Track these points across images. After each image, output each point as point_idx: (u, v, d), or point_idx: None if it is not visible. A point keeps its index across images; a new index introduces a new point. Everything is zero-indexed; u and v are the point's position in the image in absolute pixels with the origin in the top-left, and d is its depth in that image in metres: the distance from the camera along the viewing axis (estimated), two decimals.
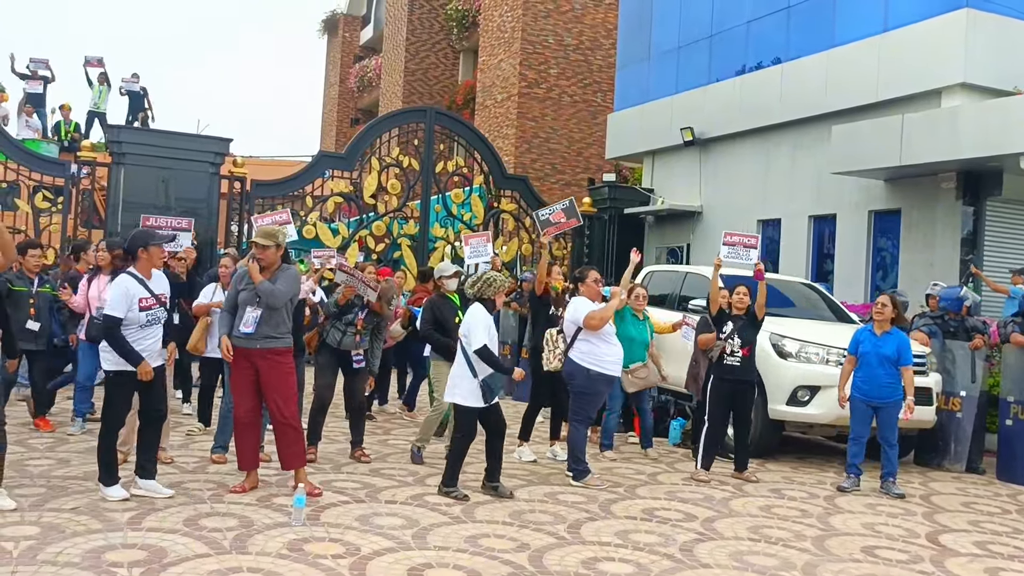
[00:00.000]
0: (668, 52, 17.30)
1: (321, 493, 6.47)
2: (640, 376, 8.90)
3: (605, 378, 7.52)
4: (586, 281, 7.82)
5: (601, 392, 7.57)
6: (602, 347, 7.53)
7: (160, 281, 6.35)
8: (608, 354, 7.53)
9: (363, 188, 15.40)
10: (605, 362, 7.51)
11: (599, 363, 7.51)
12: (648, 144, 17.49)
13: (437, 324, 8.03)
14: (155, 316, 6.19)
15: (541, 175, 21.69)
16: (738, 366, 8.09)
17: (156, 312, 6.19)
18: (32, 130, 17.46)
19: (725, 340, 8.10)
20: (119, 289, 6.05)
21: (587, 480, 7.45)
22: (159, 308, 6.22)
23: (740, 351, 8.07)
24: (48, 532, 5.24)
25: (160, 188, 13.72)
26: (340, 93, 36.01)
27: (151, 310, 6.15)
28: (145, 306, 6.11)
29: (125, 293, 6.03)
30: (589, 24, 22.64)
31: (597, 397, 7.61)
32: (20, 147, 13.85)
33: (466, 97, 26.15)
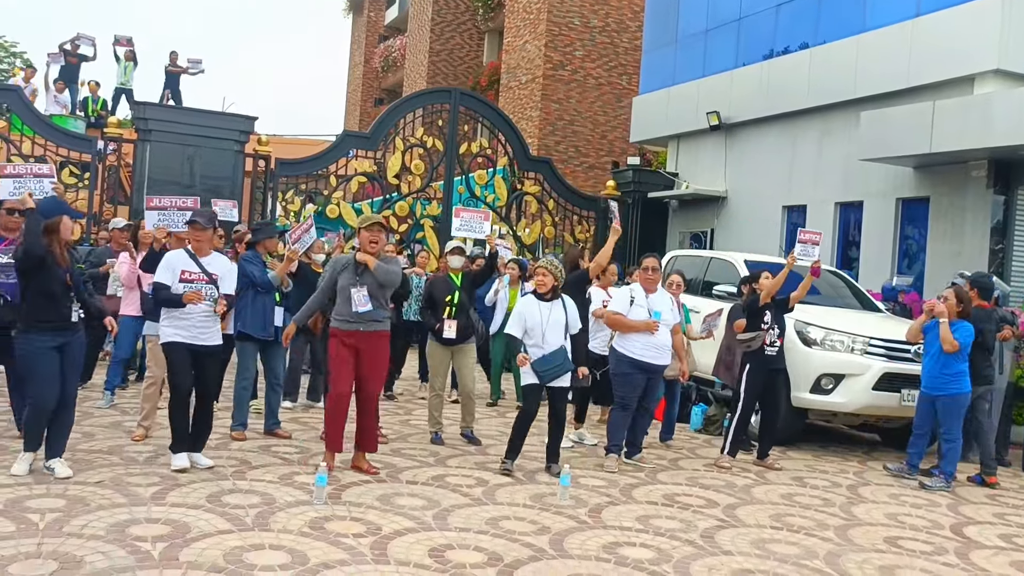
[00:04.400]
0: (695, 35, 17.14)
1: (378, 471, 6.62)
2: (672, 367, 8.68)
3: (630, 361, 7.48)
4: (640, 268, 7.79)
5: (628, 374, 7.51)
6: (633, 334, 7.49)
7: (216, 261, 6.44)
8: (639, 339, 7.48)
9: (387, 168, 15.39)
10: (635, 347, 7.48)
11: (628, 347, 7.49)
12: (673, 128, 17.36)
13: (430, 302, 8.08)
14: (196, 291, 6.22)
15: (565, 157, 21.59)
16: (775, 355, 8.05)
17: (198, 287, 6.22)
18: (60, 106, 17.56)
19: (767, 330, 8.03)
20: (164, 260, 6.33)
21: (608, 458, 7.50)
22: (203, 284, 6.26)
23: (778, 340, 8.03)
24: (74, 505, 5.28)
25: (185, 165, 13.79)
26: (364, 73, 35.97)
27: (192, 283, 6.21)
28: (186, 279, 6.20)
29: (167, 263, 6.28)
30: (615, 6, 22.45)
31: (625, 379, 7.54)
32: (48, 122, 13.93)
33: (491, 78, 26.03)
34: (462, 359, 8.18)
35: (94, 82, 18.67)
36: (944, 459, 7.81)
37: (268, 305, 7.62)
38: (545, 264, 7.25)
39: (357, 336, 6.53)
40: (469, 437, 8.06)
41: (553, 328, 7.01)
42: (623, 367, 7.52)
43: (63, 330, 5.91)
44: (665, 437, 8.88)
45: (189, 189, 13.25)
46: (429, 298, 8.16)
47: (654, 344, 7.50)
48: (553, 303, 7.09)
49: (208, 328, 6.34)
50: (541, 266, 7.25)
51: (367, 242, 6.58)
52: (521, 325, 7.01)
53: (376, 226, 6.64)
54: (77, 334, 6.04)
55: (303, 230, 7.79)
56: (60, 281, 5.88)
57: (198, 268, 6.29)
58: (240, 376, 7.65)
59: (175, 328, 6.27)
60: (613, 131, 22.26)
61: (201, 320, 6.28)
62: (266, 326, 7.60)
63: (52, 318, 5.87)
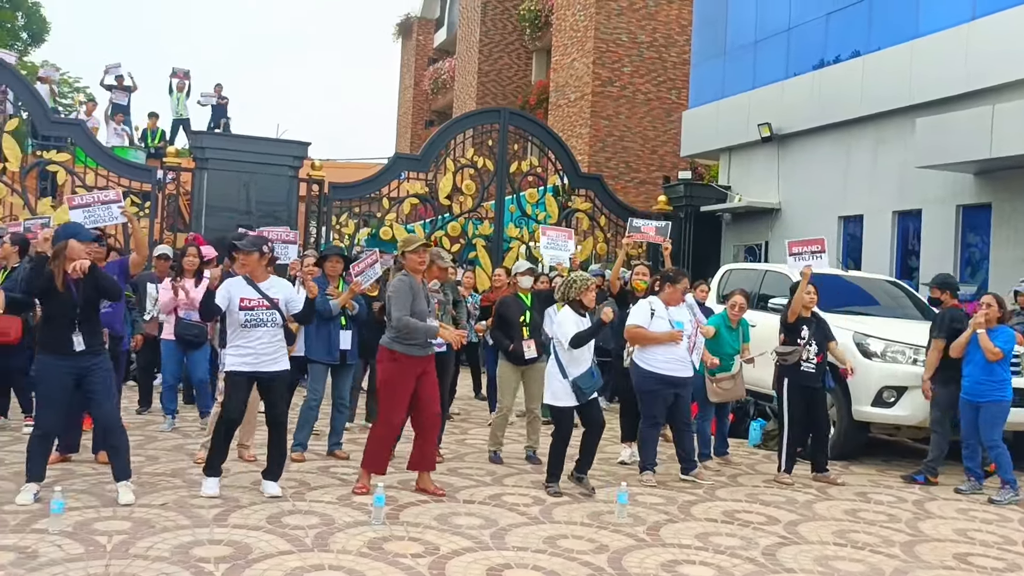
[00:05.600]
0: (744, 47, 17.03)
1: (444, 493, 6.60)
2: (724, 387, 8.47)
3: (656, 377, 7.41)
4: (676, 286, 7.67)
5: (655, 391, 7.44)
6: (652, 348, 7.43)
7: (277, 285, 6.39)
8: (660, 353, 7.41)
9: (438, 189, 15.51)
10: (657, 361, 7.41)
11: (650, 362, 7.43)
12: (724, 141, 17.25)
13: (502, 322, 8.07)
14: (257, 318, 6.19)
15: (616, 174, 21.55)
16: (813, 372, 7.88)
17: (259, 313, 6.20)
18: (120, 137, 18.05)
19: (804, 346, 7.90)
20: (222, 286, 6.27)
21: (643, 475, 7.45)
22: (263, 310, 6.22)
23: (815, 358, 7.88)
24: (139, 527, 5.39)
25: (241, 192, 14.04)
26: (415, 96, 36.35)
27: (252, 311, 6.18)
28: (246, 306, 6.17)
29: (224, 288, 6.24)
30: (663, 21, 22.41)
31: (652, 396, 7.47)
32: (109, 154, 14.31)
33: (539, 97, 26.13)
34: (532, 379, 8.15)
35: (153, 114, 19.19)
36: (999, 468, 7.63)
37: (334, 330, 7.68)
38: (593, 279, 7.26)
39: (425, 362, 6.58)
40: (532, 458, 8.04)
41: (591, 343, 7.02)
42: (648, 383, 7.46)
43: (73, 355, 5.87)
44: (721, 451, 8.77)
45: (246, 215, 13.51)
46: (501, 318, 8.13)
47: (677, 357, 7.43)
48: (588, 317, 7.09)
49: (272, 354, 6.29)
50: (594, 282, 7.24)
51: (415, 264, 6.62)
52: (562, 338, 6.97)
53: (422, 248, 6.65)
54: (97, 359, 5.98)
55: (367, 264, 7.78)
56: (67, 307, 5.86)
57: (258, 294, 6.25)
58: (308, 398, 7.74)
59: (239, 356, 6.24)
60: (663, 146, 22.17)
61: (265, 345, 6.23)
62: (331, 351, 7.66)
63: (57, 344, 5.87)
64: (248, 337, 6.21)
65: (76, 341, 5.86)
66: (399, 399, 6.54)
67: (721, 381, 8.43)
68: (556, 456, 6.96)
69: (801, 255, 8.22)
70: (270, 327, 6.25)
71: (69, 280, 5.85)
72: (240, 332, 6.22)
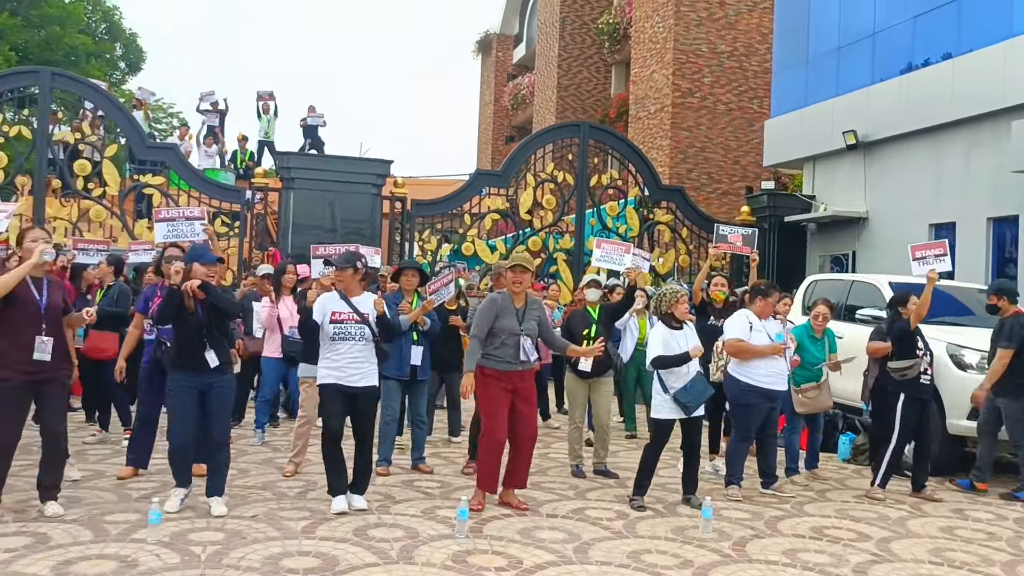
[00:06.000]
0: (827, 54, 16.71)
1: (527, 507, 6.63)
2: (810, 397, 8.31)
3: (757, 391, 7.30)
4: (767, 299, 7.57)
5: (754, 405, 7.33)
6: (754, 360, 7.32)
7: (368, 300, 6.45)
8: (761, 366, 7.30)
9: (519, 204, 15.60)
10: (758, 374, 7.30)
11: (751, 375, 7.32)
12: (808, 149, 16.93)
13: (568, 335, 8.08)
14: (345, 331, 6.29)
15: (697, 185, 21.35)
16: (929, 384, 7.67)
17: (348, 327, 6.28)
18: (211, 160, 18.66)
19: (922, 357, 7.68)
20: (318, 301, 6.40)
21: (728, 489, 7.34)
22: (353, 324, 6.28)
23: (929, 368, 7.67)
24: (232, 538, 5.54)
25: (327, 210, 14.36)
26: (495, 112, 36.65)
27: (341, 323, 6.27)
28: (336, 319, 6.27)
29: (319, 304, 6.36)
30: (743, 30, 22.16)
31: (750, 410, 7.36)
32: (201, 176, 14.80)
33: (619, 110, 26.08)
34: (598, 392, 8.14)
35: (242, 136, 19.79)
36: None
37: (405, 346, 7.76)
38: (685, 291, 7.22)
39: (515, 378, 6.62)
40: (603, 472, 8.01)
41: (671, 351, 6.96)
42: (748, 397, 7.33)
43: (201, 373, 6.10)
44: (810, 465, 8.58)
45: (331, 233, 13.80)
46: (567, 332, 8.16)
47: (777, 370, 7.32)
48: (685, 330, 7.03)
49: (360, 369, 6.33)
50: (684, 293, 7.18)
51: (511, 283, 6.66)
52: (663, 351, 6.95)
53: (519, 267, 6.69)
54: (221, 378, 6.18)
55: (442, 283, 7.88)
56: (196, 327, 6.09)
57: (349, 308, 6.34)
58: (383, 413, 7.85)
59: (328, 368, 6.33)
60: (746, 156, 21.88)
61: (351, 360, 6.30)
62: (402, 366, 7.75)
63: (189, 362, 6.11)
64: (337, 350, 6.30)
65: (210, 358, 6.11)
66: (493, 414, 6.60)
67: (806, 391, 8.27)
68: (645, 468, 6.94)
69: (925, 259, 7.99)
70: (358, 341, 6.31)
71: (197, 302, 6.09)
72: (329, 345, 6.33)
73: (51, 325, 5.87)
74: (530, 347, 6.62)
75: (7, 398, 5.73)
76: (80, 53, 32.06)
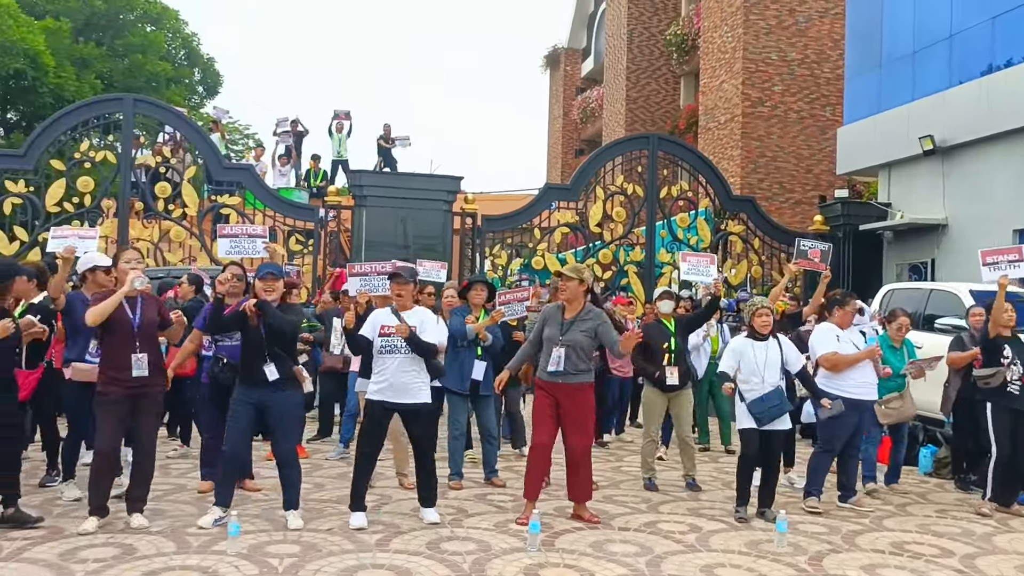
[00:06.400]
0: (901, 58, 16.36)
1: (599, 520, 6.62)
2: (893, 407, 8.13)
3: (845, 402, 7.17)
4: (844, 308, 7.48)
5: (844, 416, 7.20)
6: (849, 369, 7.21)
7: (417, 314, 6.49)
8: (850, 377, 7.19)
9: (589, 217, 15.58)
10: (847, 385, 7.19)
11: (840, 386, 7.20)
12: (883, 156, 16.57)
13: (646, 350, 8.03)
14: (392, 344, 6.31)
15: (769, 195, 21.06)
16: (1018, 395, 7.41)
17: (394, 340, 6.29)
18: (285, 179, 19.07)
19: (1008, 366, 7.46)
20: (369, 317, 6.52)
21: (807, 500, 7.25)
22: (399, 337, 6.28)
23: (1019, 380, 7.41)
24: (308, 551, 5.66)
25: (398, 227, 14.54)
26: (564, 125, 36.71)
27: (388, 337, 6.32)
28: (384, 332, 6.33)
29: (370, 320, 6.48)
30: (814, 37, 21.83)
31: (841, 422, 7.24)
32: (275, 196, 15.14)
33: (688, 121, 25.90)
34: (679, 405, 8.09)
35: (315, 156, 20.20)
36: None
37: (467, 359, 7.81)
38: (767, 304, 7.15)
39: (557, 388, 6.60)
40: (692, 485, 7.94)
41: (771, 368, 6.87)
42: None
43: (259, 387, 6.17)
44: (890, 480, 8.38)
45: (403, 249, 13.96)
46: (646, 346, 8.11)
47: (868, 380, 7.20)
48: (768, 342, 6.96)
49: (408, 385, 6.35)
50: (764, 306, 7.12)
51: (558, 290, 6.72)
52: (734, 363, 6.91)
53: (563, 275, 6.69)
54: (281, 393, 6.21)
55: (515, 298, 7.87)
56: (254, 341, 6.20)
57: (397, 321, 6.37)
58: (450, 428, 7.92)
59: (376, 385, 6.38)
60: (819, 164, 21.51)
61: (399, 376, 6.31)
62: (463, 380, 7.78)
63: (249, 374, 6.22)
64: (383, 364, 6.34)
65: (268, 372, 6.18)
66: (537, 422, 6.67)
67: (889, 402, 8.10)
68: (740, 479, 6.93)
69: (997, 264, 7.73)
70: (404, 355, 6.33)
71: (258, 318, 6.22)
72: (377, 359, 6.38)
73: (144, 342, 6.08)
74: (557, 358, 6.52)
75: (107, 411, 6.00)
76: (161, 79, 33.12)
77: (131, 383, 6.00)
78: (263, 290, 6.22)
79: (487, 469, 8.01)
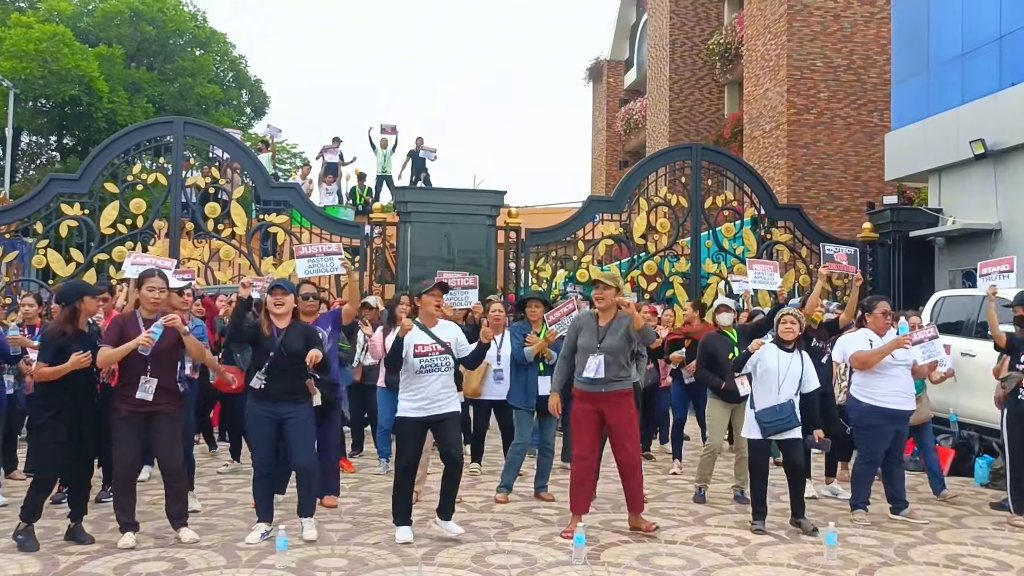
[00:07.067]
0: (950, 61, 16.10)
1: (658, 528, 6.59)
2: None
3: (879, 411, 7.06)
4: (873, 312, 7.40)
5: (878, 426, 7.10)
6: (876, 379, 7.11)
7: (448, 329, 6.50)
8: (882, 386, 7.08)
9: (633, 229, 15.54)
10: (880, 393, 7.07)
11: (872, 395, 7.09)
12: (933, 161, 16.28)
13: (710, 361, 7.96)
14: (432, 363, 6.28)
15: (817, 203, 20.82)
16: None
17: (433, 359, 6.29)
18: (331, 197, 19.29)
19: (1023, 372, 7.31)
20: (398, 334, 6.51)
21: (854, 514, 7.13)
22: (438, 355, 6.30)
23: None
24: (354, 564, 5.70)
25: (443, 242, 14.63)
26: (607, 138, 36.68)
27: (427, 356, 6.28)
28: (420, 352, 6.28)
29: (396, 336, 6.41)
30: (860, 42, 21.58)
31: (875, 432, 7.12)
32: (322, 213, 15.33)
33: (733, 130, 25.74)
34: (740, 416, 8.02)
35: (360, 172, 20.40)
36: None
37: (531, 376, 7.84)
38: (794, 312, 7.06)
39: (600, 397, 6.55)
40: (741, 498, 7.86)
41: (789, 380, 6.77)
42: (871, 419, 7.11)
43: (274, 401, 6.22)
44: (937, 489, 8.20)
45: (448, 263, 14.04)
46: (710, 357, 8.03)
47: (900, 388, 7.07)
48: (793, 354, 6.87)
49: (444, 397, 6.34)
50: (791, 314, 7.04)
51: (595, 299, 6.68)
52: (752, 366, 6.83)
53: (600, 283, 6.66)
54: (296, 407, 6.26)
55: (564, 312, 7.78)
56: (266, 354, 6.25)
57: (431, 339, 6.34)
58: (515, 441, 7.94)
59: (410, 403, 6.32)
60: (867, 171, 21.22)
61: (437, 392, 6.29)
62: (528, 396, 7.82)
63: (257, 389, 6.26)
64: (423, 382, 6.29)
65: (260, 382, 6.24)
66: (578, 432, 6.62)
67: None
68: (753, 491, 6.84)
69: (988, 276, 8.04)
70: (444, 371, 6.33)
71: (273, 329, 6.31)
72: (414, 378, 6.30)
73: (156, 366, 6.16)
74: (595, 365, 6.47)
75: (120, 426, 6.16)
76: (210, 101, 33.83)
77: (137, 402, 6.11)
78: (273, 304, 6.33)
79: (540, 481, 8.00)
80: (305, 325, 6.58)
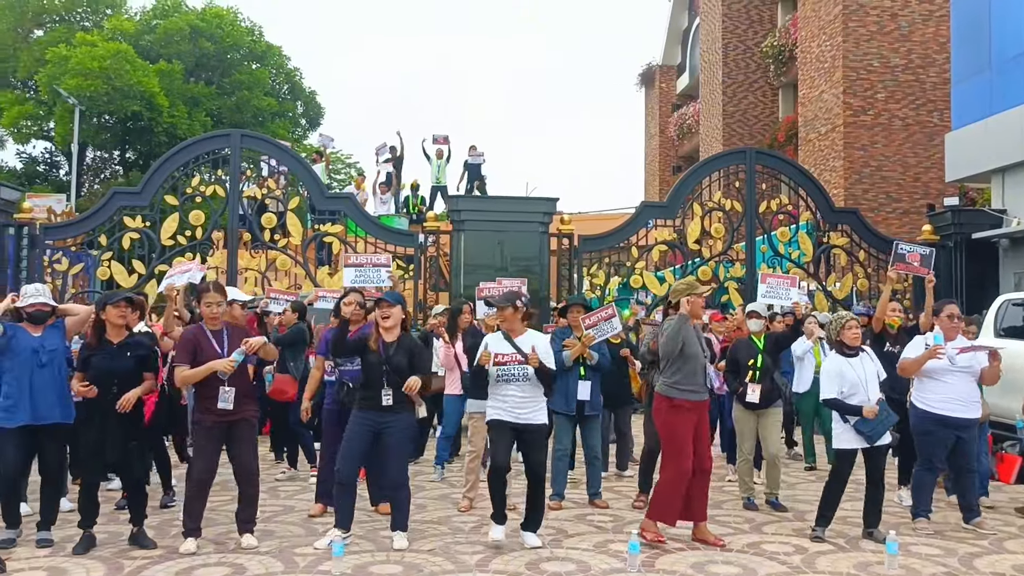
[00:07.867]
0: (1013, 58, 15.72)
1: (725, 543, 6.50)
2: None
3: (932, 418, 6.91)
4: (940, 316, 7.25)
5: (932, 432, 6.94)
6: (931, 385, 6.96)
7: (534, 340, 6.45)
8: (934, 391, 6.93)
9: (686, 234, 15.44)
10: (932, 399, 6.92)
11: (926, 400, 6.96)
12: (995, 161, 15.90)
13: (733, 365, 7.91)
14: (508, 373, 6.29)
15: (875, 205, 20.47)
16: None
17: (510, 369, 6.29)
18: (386, 206, 19.48)
19: None
20: (483, 341, 6.60)
21: (916, 522, 6.98)
22: (515, 366, 6.28)
23: None
24: (409, 571, 5.74)
25: (496, 250, 14.68)
26: (660, 143, 36.50)
27: (504, 366, 6.31)
28: (499, 361, 6.31)
29: (483, 346, 6.50)
30: (918, 41, 21.18)
31: (929, 438, 6.97)
32: (376, 223, 15.49)
33: (788, 133, 25.42)
34: (766, 423, 7.94)
35: (415, 183, 20.58)
36: None
37: (571, 381, 7.79)
38: (854, 316, 6.97)
39: (701, 408, 6.57)
40: (775, 504, 7.76)
41: (872, 382, 6.70)
42: (924, 424, 6.97)
43: (377, 411, 6.27)
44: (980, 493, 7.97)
45: (501, 271, 14.09)
46: (733, 361, 8.03)
47: (956, 396, 6.89)
48: (861, 357, 6.77)
49: (527, 407, 6.35)
50: (853, 318, 6.94)
51: (698, 308, 6.59)
52: (837, 386, 6.72)
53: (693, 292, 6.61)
54: (397, 417, 6.31)
55: (602, 317, 7.66)
56: (374, 365, 6.29)
57: (512, 349, 6.37)
58: (555, 448, 7.92)
59: (496, 407, 6.40)
60: (927, 172, 20.81)
61: (519, 402, 6.35)
62: (568, 401, 7.78)
63: (367, 400, 6.32)
64: (503, 392, 6.36)
65: (385, 396, 6.28)
66: (682, 444, 6.47)
67: None
68: (828, 499, 6.74)
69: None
70: (522, 382, 6.33)
71: (381, 342, 6.36)
72: (495, 385, 6.40)
73: (233, 375, 6.26)
74: (715, 373, 6.54)
75: (203, 435, 6.28)
76: (266, 114, 34.40)
77: (220, 412, 6.23)
78: (381, 317, 6.37)
79: (592, 489, 7.97)
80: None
